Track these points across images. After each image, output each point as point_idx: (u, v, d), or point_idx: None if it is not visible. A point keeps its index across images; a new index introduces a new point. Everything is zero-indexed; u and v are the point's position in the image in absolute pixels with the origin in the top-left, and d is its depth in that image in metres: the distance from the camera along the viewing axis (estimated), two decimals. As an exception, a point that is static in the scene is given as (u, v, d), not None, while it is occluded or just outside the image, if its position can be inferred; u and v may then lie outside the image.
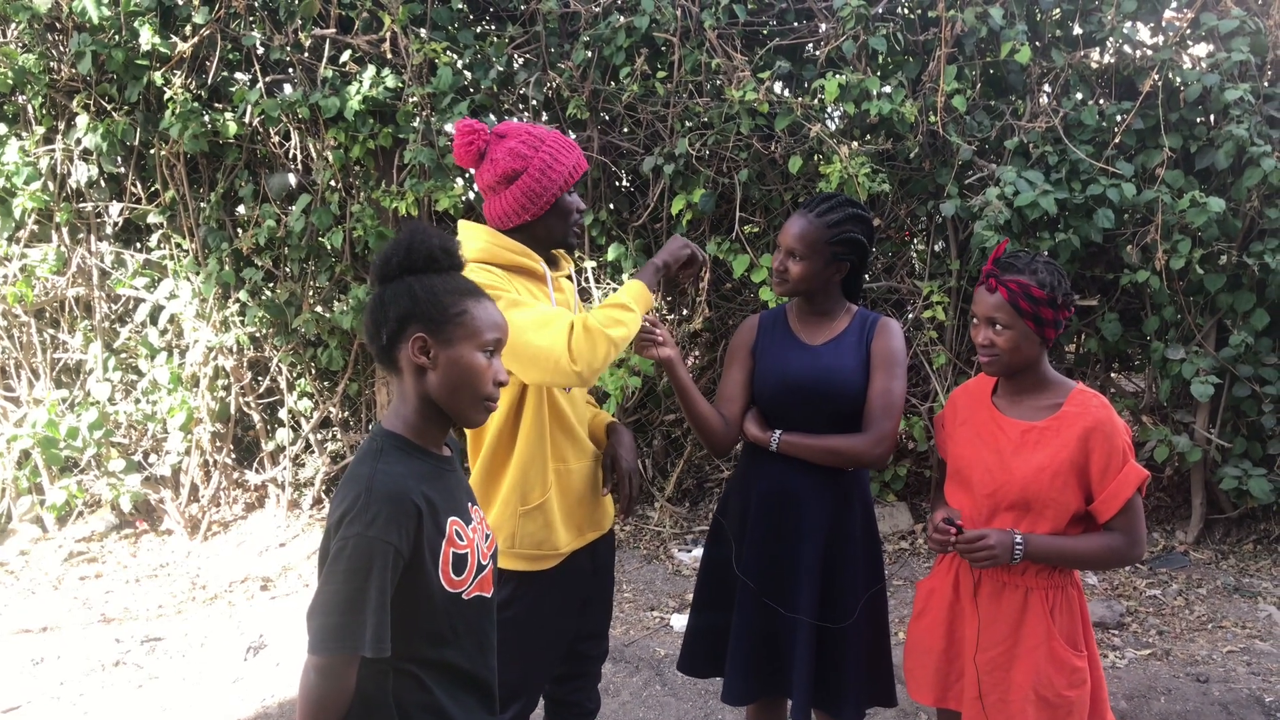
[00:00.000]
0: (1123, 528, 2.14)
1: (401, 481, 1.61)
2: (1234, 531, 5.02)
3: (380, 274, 1.69)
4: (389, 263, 1.68)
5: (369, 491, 1.57)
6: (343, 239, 5.05)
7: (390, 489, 1.59)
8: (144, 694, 3.82)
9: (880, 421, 2.39)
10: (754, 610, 2.49)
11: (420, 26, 4.82)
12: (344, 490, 1.61)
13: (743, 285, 5.16)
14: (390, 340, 1.67)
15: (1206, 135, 4.50)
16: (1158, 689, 3.62)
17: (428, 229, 1.72)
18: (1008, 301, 2.14)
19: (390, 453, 1.65)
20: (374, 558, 1.54)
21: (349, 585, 1.54)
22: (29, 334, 5.63)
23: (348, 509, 1.57)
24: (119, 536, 5.52)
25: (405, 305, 1.65)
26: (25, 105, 5.27)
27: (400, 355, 1.67)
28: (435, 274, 1.68)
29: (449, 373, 1.67)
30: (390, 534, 1.56)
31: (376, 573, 1.54)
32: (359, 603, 1.53)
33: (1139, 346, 4.95)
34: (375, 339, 1.69)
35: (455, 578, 1.66)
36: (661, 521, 5.30)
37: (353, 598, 1.53)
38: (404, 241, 1.68)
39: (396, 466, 1.63)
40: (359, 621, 1.53)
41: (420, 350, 1.66)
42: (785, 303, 2.64)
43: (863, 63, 4.63)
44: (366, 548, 1.54)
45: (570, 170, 2.28)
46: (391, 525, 1.56)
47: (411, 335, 1.65)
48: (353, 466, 1.65)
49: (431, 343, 1.65)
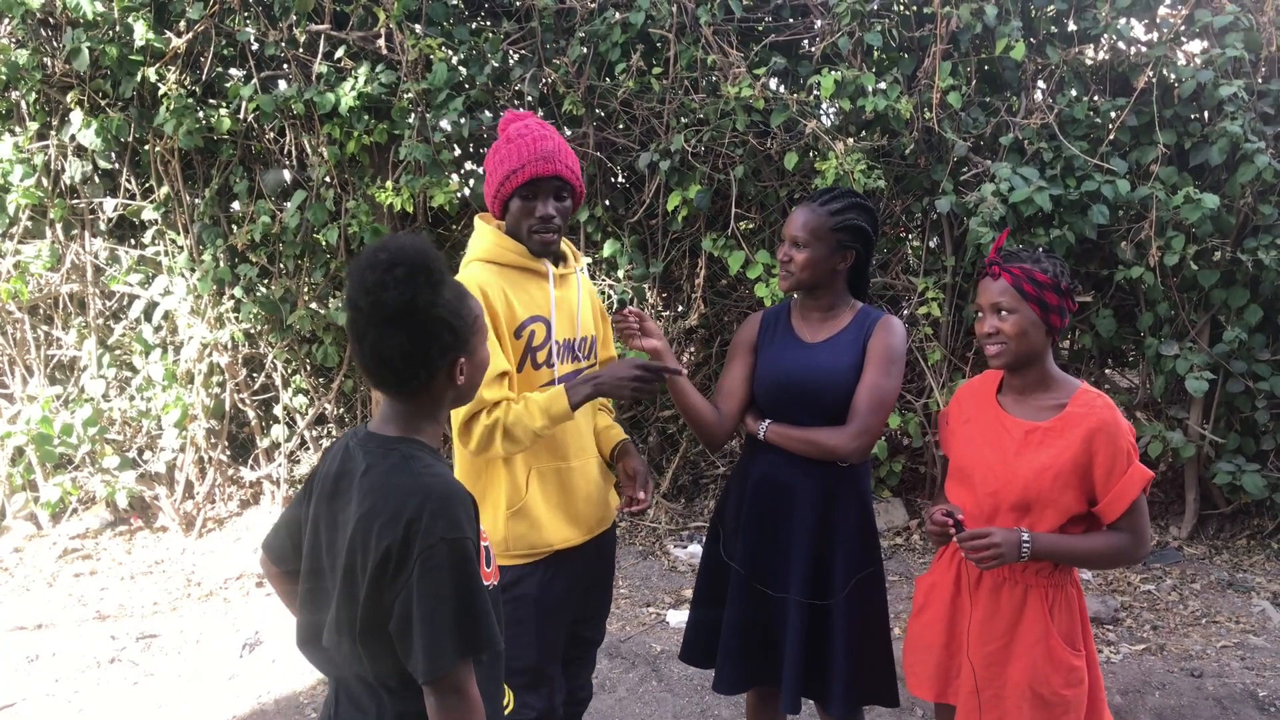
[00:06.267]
0: (1128, 528, 2.14)
1: (451, 479, 1.58)
2: (1228, 527, 5.04)
3: (403, 313, 1.51)
4: (414, 304, 1.51)
5: (430, 497, 1.51)
6: (338, 235, 5.04)
7: (447, 488, 1.54)
8: (139, 691, 3.82)
9: (863, 416, 2.39)
10: (746, 599, 2.50)
11: (415, 22, 4.81)
12: (384, 504, 1.53)
13: (738, 281, 5.16)
14: (429, 377, 1.58)
15: (1200, 131, 4.52)
16: (1152, 684, 3.64)
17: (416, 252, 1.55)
18: (1012, 285, 2.13)
19: (420, 457, 1.59)
20: (463, 558, 1.50)
21: (453, 592, 1.48)
22: (23, 330, 5.61)
23: (413, 518, 1.49)
24: (114, 533, 5.51)
25: (446, 341, 1.57)
26: (19, 101, 5.25)
27: (435, 384, 1.60)
28: (442, 291, 1.57)
29: (473, 374, 1.67)
30: (468, 530, 1.52)
31: (473, 570, 1.51)
32: (466, 606, 1.49)
33: (1133, 342, 4.97)
34: (408, 381, 1.58)
35: (486, 570, 1.62)
36: (657, 518, 5.30)
37: (459, 604, 1.48)
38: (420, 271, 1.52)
39: (436, 467, 1.58)
40: (473, 624, 1.49)
41: (460, 372, 1.62)
42: (790, 299, 2.64)
43: (858, 59, 4.63)
44: (456, 550, 1.49)
45: (505, 176, 2.25)
46: (466, 523, 1.53)
47: (451, 363, 1.60)
48: (376, 480, 1.57)
49: (465, 360, 1.63)
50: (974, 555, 2.11)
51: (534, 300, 2.32)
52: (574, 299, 2.43)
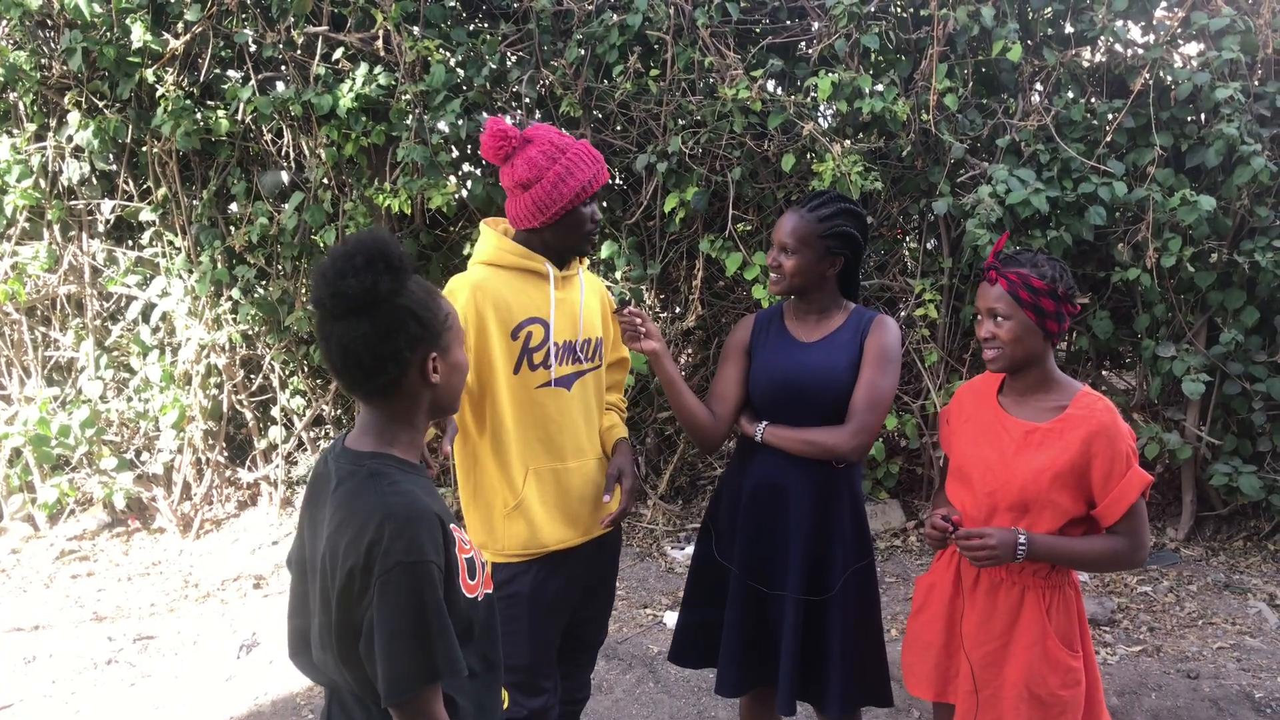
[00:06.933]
0: (1126, 532, 2.14)
1: (416, 499, 1.53)
2: (1224, 528, 5.04)
3: (363, 304, 1.49)
4: (375, 290, 1.48)
5: (391, 517, 1.48)
6: (335, 237, 5.04)
7: (410, 509, 1.50)
8: (136, 692, 3.81)
9: (861, 415, 2.39)
10: (745, 602, 2.50)
11: (413, 24, 4.81)
12: (348, 524, 1.51)
13: (735, 283, 5.16)
14: (399, 372, 1.55)
15: (1197, 134, 4.52)
16: (1149, 685, 3.64)
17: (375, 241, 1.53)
18: (1007, 292, 2.14)
19: (387, 474, 1.56)
20: (424, 582, 1.47)
21: (409, 618, 1.46)
22: (20, 331, 5.61)
23: (374, 540, 1.46)
24: (111, 535, 5.51)
25: (413, 331, 1.53)
26: (16, 102, 5.25)
27: (407, 382, 1.57)
28: (405, 280, 1.54)
29: (450, 379, 1.63)
30: (430, 553, 1.48)
31: (430, 596, 1.47)
32: (424, 632, 1.46)
33: (1130, 344, 4.97)
34: (377, 375, 1.54)
35: (470, 582, 1.61)
36: (655, 519, 5.30)
37: (417, 629, 1.46)
38: (378, 258, 1.50)
39: (403, 485, 1.54)
40: (429, 650, 1.46)
41: (434, 370, 1.58)
42: (782, 301, 2.65)
43: (855, 61, 4.64)
44: (413, 575, 1.46)
45: (584, 185, 2.30)
46: (428, 544, 1.49)
47: (421, 358, 1.56)
48: (344, 498, 1.54)
49: (439, 358, 1.58)
50: (969, 554, 2.12)
51: (533, 302, 2.33)
52: (576, 300, 2.43)
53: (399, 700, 1.47)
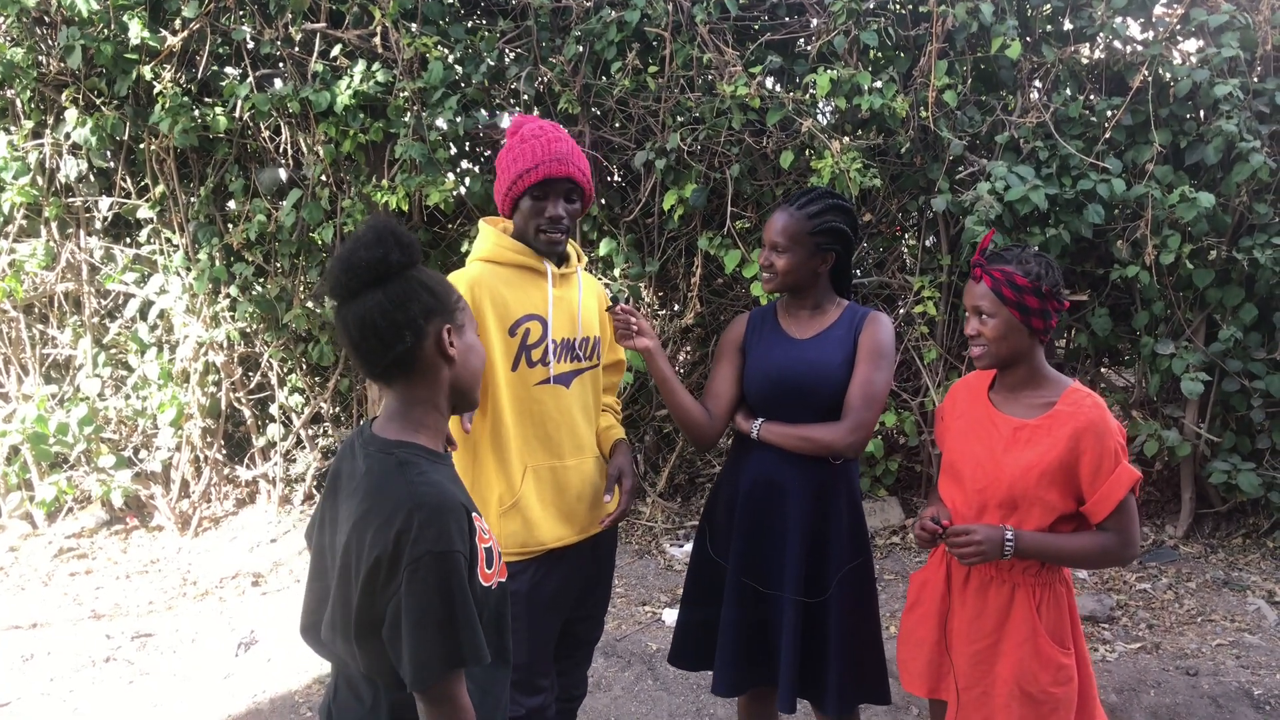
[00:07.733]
0: (1116, 528, 2.13)
1: (444, 489, 1.56)
2: (1223, 526, 5.04)
3: (376, 274, 1.55)
4: (386, 261, 1.54)
5: (420, 507, 1.51)
6: (333, 234, 5.04)
7: (439, 500, 1.53)
8: (135, 690, 3.81)
9: (858, 411, 2.39)
10: (742, 601, 2.50)
11: (411, 21, 4.81)
12: (375, 512, 1.53)
13: (734, 280, 5.16)
14: (416, 340, 1.57)
15: (1196, 130, 4.52)
16: (1147, 682, 3.64)
17: (384, 221, 1.61)
18: (991, 289, 2.14)
19: (415, 463, 1.58)
20: (451, 571, 1.49)
21: (436, 606, 1.48)
22: (18, 329, 5.61)
23: (402, 530, 1.49)
24: (109, 532, 5.50)
25: (426, 300, 1.57)
26: (14, 99, 5.24)
27: (423, 354, 1.59)
28: (415, 255, 1.60)
29: (467, 358, 1.66)
30: (457, 543, 1.51)
31: (457, 585, 1.50)
32: (450, 619, 1.49)
33: (1129, 341, 4.97)
34: (394, 344, 1.56)
35: (488, 571, 1.63)
36: (653, 517, 5.30)
37: (444, 617, 1.48)
38: (388, 234, 1.57)
39: (431, 476, 1.57)
40: (455, 637, 1.49)
41: (450, 343, 1.60)
42: (776, 299, 2.65)
43: (854, 58, 4.63)
44: (442, 563, 1.48)
45: (518, 175, 2.27)
46: (456, 534, 1.52)
47: (437, 329, 1.59)
48: (372, 486, 1.57)
49: (452, 330, 1.61)
50: (957, 551, 2.12)
51: (531, 299, 2.33)
52: (575, 298, 2.42)
53: (424, 686, 1.49)
